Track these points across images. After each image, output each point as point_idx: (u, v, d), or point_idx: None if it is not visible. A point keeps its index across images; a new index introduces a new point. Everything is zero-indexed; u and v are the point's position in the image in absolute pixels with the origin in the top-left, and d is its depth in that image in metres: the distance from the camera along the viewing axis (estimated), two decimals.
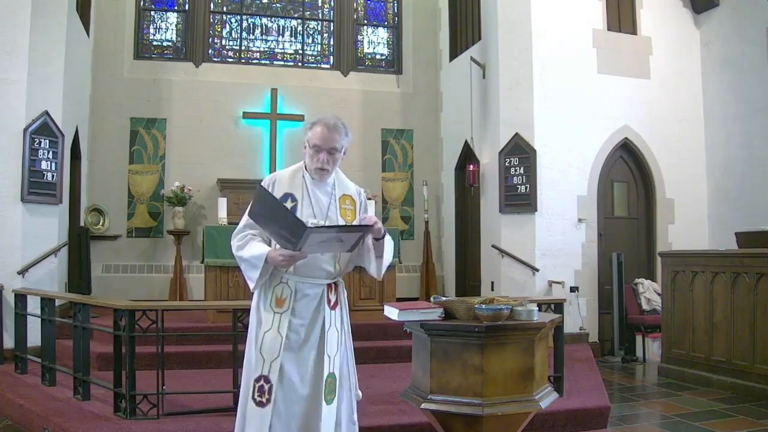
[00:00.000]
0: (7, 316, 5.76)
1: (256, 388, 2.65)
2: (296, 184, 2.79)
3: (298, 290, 2.70)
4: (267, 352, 2.65)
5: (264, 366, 2.64)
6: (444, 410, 2.75)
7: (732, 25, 7.71)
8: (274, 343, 2.65)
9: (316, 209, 2.76)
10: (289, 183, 2.79)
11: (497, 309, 2.72)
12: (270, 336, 2.66)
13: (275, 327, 2.67)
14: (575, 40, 7.65)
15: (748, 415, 4.78)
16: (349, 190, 2.90)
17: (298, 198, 2.75)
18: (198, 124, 8.92)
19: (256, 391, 2.64)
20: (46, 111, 6.19)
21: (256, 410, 2.63)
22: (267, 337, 2.67)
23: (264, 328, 2.68)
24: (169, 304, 6.79)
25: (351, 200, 2.88)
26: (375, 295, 6.68)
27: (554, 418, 4.27)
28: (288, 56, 9.65)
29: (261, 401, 2.63)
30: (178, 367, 5.35)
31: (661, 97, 7.97)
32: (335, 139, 2.73)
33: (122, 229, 8.57)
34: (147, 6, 9.18)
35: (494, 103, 7.65)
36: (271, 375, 2.63)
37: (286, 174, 2.84)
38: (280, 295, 2.70)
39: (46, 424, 4.02)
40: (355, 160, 9.37)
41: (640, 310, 7.45)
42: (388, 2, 10.06)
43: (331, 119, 2.75)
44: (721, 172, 7.90)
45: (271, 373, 2.63)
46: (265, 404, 2.62)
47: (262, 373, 2.64)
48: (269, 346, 2.65)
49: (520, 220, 7.38)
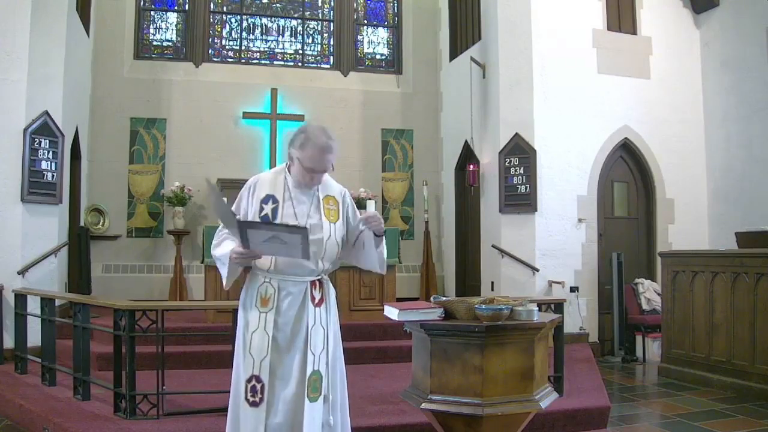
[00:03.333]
0: (7, 316, 5.76)
1: (248, 388, 2.65)
2: (278, 185, 2.76)
3: (282, 288, 2.70)
4: (256, 351, 2.66)
5: (255, 366, 2.65)
6: (444, 410, 2.75)
7: (732, 25, 7.71)
8: (262, 342, 2.65)
9: (297, 210, 2.73)
10: (270, 184, 2.77)
11: (497, 309, 2.72)
12: (258, 335, 2.67)
13: (261, 326, 2.67)
14: (575, 40, 7.65)
15: (748, 415, 4.78)
16: (332, 191, 2.85)
17: (279, 199, 2.73)
18: (198, 124, 8.92)
19: (249, 391, 2.65)
20: (46, 111, 6.20)
21: (251, 410, 2.63)
22: (255, 337, 2.67)
23: (251, 328, 2.68)
24: (169, 304, 6.79)
25: (334, 201, 2.83)
26: (375, 295, 6.68)
27: (554, 418, 4.27)
28: (288, 56, 9.64)
29: (254, 401, 2.63)
30: (178, 367, 5.35)
31: (661, 97, 7.97)
32: (328, 159, 2.69)
33: (122, 229, 8.57)
34: (147, 6, 9.17)
35: (494, 103, 7.65)
36: (262, 374, 2.63)
37: (269, 175, 2.82)
38: (264, 294, 2.70)
39: (46, 424, 4.03)
40: (355, 160, 9.38)
41: (640, 310, 7.45)
42: (388, 2, 10.06)
43: (321, 137, 2.66)
44: (721, 172, 7.90)
45: (262, 372, 2.63)
46: (259, 404, 2.62)
47: (254, 373, 2.64)
48: (257, 345, 2.66)
49: (520, 220, 7.38)
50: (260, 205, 2.73)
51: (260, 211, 2.72)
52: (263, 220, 2.69)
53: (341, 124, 9.38)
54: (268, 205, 2.72)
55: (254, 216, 2.72)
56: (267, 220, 2.69)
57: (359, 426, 3.93)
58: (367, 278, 6.65)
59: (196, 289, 8.24)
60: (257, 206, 2.73)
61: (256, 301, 2.71)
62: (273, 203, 2.72)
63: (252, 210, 2.74)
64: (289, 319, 2.68)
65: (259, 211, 2.72)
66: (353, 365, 5.63)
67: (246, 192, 2.80)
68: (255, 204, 2.74)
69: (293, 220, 2.69)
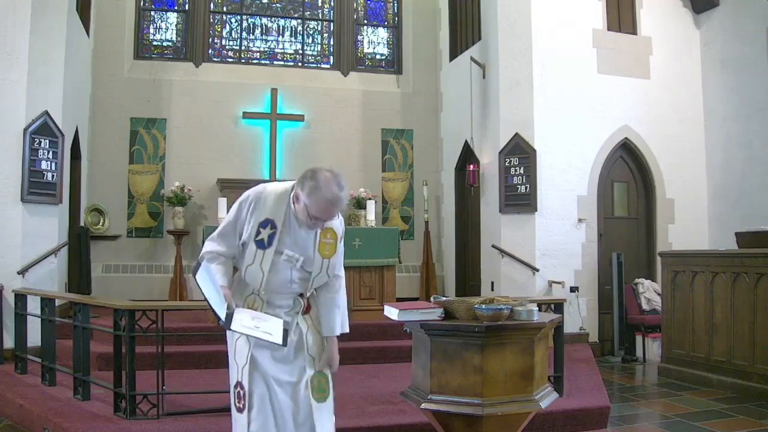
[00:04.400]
0: (7, 316, 5.76)
1: (235, 394, 2.67)
2: (279, 211, 2.63)
3: (270, 302, 2.68)
4: (239, 358, 2.66)
5: (238, 372, 2.65)
6: (444, 410, 2.75)
7: (732, 25, 7.71)
8: (243, 350, 2.65)
9: (294, 243, 2.65)
10: (272, 208, 2.64)
11: (497, 309, 2.72)
12: (241, 343, 2.66)
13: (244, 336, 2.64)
14: (575, 40, 7.65)
15: (748, 415, 4.78)
16: (332, 223, 2.71)
17: (278, 226, 2.63)
18: (198, 124, 8.92)
19: (235, 397, 2.67)
20: (46, 111, 6.20)
21: (238, 416, 2.65)
22: (238, 344, 2.67)
23: (235, 336, 2.67)
24: (169, 304, 6.79)
25: (333, 234, 2.71)
26: (375, 295, 6.68)
27: (554, 418, 4.27)
28: (288, 56, 9.64)
29: (239, 407, 2.64)
30: (178, 367, 5.35)
31: (661, 97, 7.98)
32: (335, 212, 2.59)
33: (122, 229, 8.57)
34: (147, 6, 9.17)
35: (494, 102, 7.65)
36: (243, 381, 2.63)
37: (272, 196, 2.66)
38: (252, 305, 2.67)
39: (46, 424, 4.03)
40: (355, 160, 9.39)
41: (640, 310, 7.44)
42: (388, 2, 10.05)
43: (331, 187, 2.49)
44: (721, 172, 7.90)
45: (243, 378, 2.63)
46: (242, 410, 2.63)
47: (239, 380, 2.65)
48: (240, 352, 2.66)
49: (520, 220, 7.38)
50: (258, 228, 2.62)
51: (257, 234, 2.62)
52: (258, 245, 2.61)
53: (341, 124, 9.39)
54: (265, 230, 2.62)
55: (249, 237, 2.63)
56: (262, 246, 2.61)
57: (359, 426, 3.94)
58: (367, 278, 6.66)
59: (196, 289, 8.15)
60: (255, 229, 2.63)
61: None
62: (271, 229, 2.62)
63: (248, 230, 2.64)
64: None
65: (255, 235, 2.62)
66: (353, 365, 5.67)
67: (246, 205, 2.67)
68: (253, 225, 2.63)
69: (289, 251, 2.63)
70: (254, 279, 2.66)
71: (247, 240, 2.64)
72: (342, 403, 3.87)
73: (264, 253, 2.61)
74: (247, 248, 2.63)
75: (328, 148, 9.23)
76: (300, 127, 9.17)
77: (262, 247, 2.62)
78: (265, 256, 2.61)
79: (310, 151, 9.07)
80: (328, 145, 9.27)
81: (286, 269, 2.65)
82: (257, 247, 2.62)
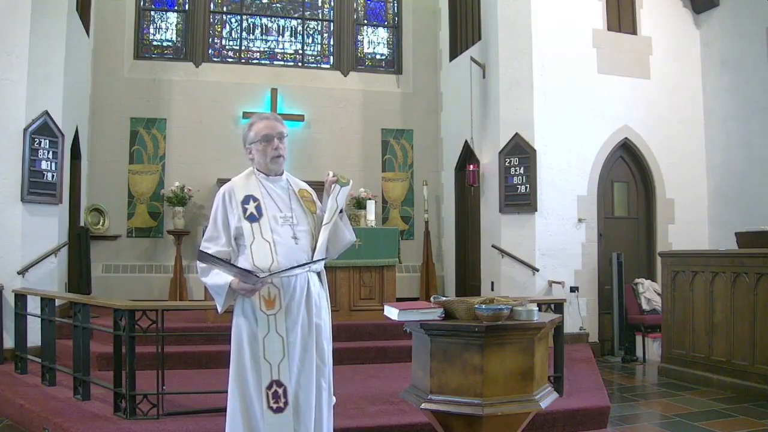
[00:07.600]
0: (7, 316, 5.76)
1: (269, 396, 2.62)
2: (252, 185, 2.84)
3: (285, 286, 2.70)
4: (271, 355, 2.64)
5: (273, 371, 2.63)
6: (444, 410, 2.75)
7: (732, 25, 7.71)
8: (276, 345, 2.64)
9: (279, 203, 2.82)
10: (244, 187, 2.84)
11: (497, 309, 2.72)
12: (270, 339, 2.65)
13: (273, 329, 2.65)
14: (575, 40, 7.65)
15: (748, 415, 4.78)
16: (302, 185, 2.99)
17: (259, 197, 2.80)
18: (198, 124, 8.92)
19: (271, 398, 2.62)
20: (46, 111, 6.19)
21: (275, 417, 2.61)
22: (267, 342, 2.65)
23: (261, 333, 2.65)
24: (169, 304, 6.79)
25: (307, 192, 2.96)
26: (375, 295, 6.68)
27: (554, 418, 4.27)
28: (288, 56, 9.64)
29: (279, 407, 2.62)
30: (178, 367, 5.35)
31: (661, 97, 7.98)
32: (279, 125, 2.88)
33: (122, 229, 8.57)
34: (147, 6, 9.17)
35: (494, 103, 7.65)
36: (282, 378, 2.62)
37: (239, 179, 2.89)
38: (268, 296, 2.68)
39: (46, 424, 4.03)
40: (355, 160, 9.39)
41: (640, 310, 7.45)
42: (388, 2, 10.05)
43: (264, 113, 2.98)
44: (721, 172, 7.90)
45: (281, 375, 2.62)
46: (284, 408, 2.61)
47: (273, 378, 2.63)
48: (272, 349, 2.64)
49: (520, 220, 7.38)
50: (242, 207, 2.76)
51: (244, 212, 2.75)
52: (251, 219, 2.74)
53: (341, 124, 9.39)
54: (250, 205, 2.77)
55: (239, 219, 2.73)
56: (254, 219, 2.75)
57: (359, 426, 3.94)
58: (367, 278, 6.66)
59: (196, 289, 8.24)
60: (240, 209, 2.76)
61: (260, 305, 2.68)
62: (254, 201, 2.78)
63: (235, 215, 2.75)
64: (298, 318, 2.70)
65: (243, 213, 2.75)
66: (353, 365, 5.68)
67: (221, 202, 2.82)
68: (237, 208, 2.76)
69: (279, 213, 2.78)
70: (264, 255, 2.68)
71: (239, 224, 2.74)
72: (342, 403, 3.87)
73: (260, 224, 2.72)
74: (243, 231, 2.73)
75: (328, 148, 9.23)
76: (300, 127, 9.17)
77: (255, 219, 2.74)
78: (263, 226, 2.72)
79: (310, 151, 9.07)
80: (328, 145, 9.27)
81: (287, 228, 2.76)
82: (251, 221, 2.74)
